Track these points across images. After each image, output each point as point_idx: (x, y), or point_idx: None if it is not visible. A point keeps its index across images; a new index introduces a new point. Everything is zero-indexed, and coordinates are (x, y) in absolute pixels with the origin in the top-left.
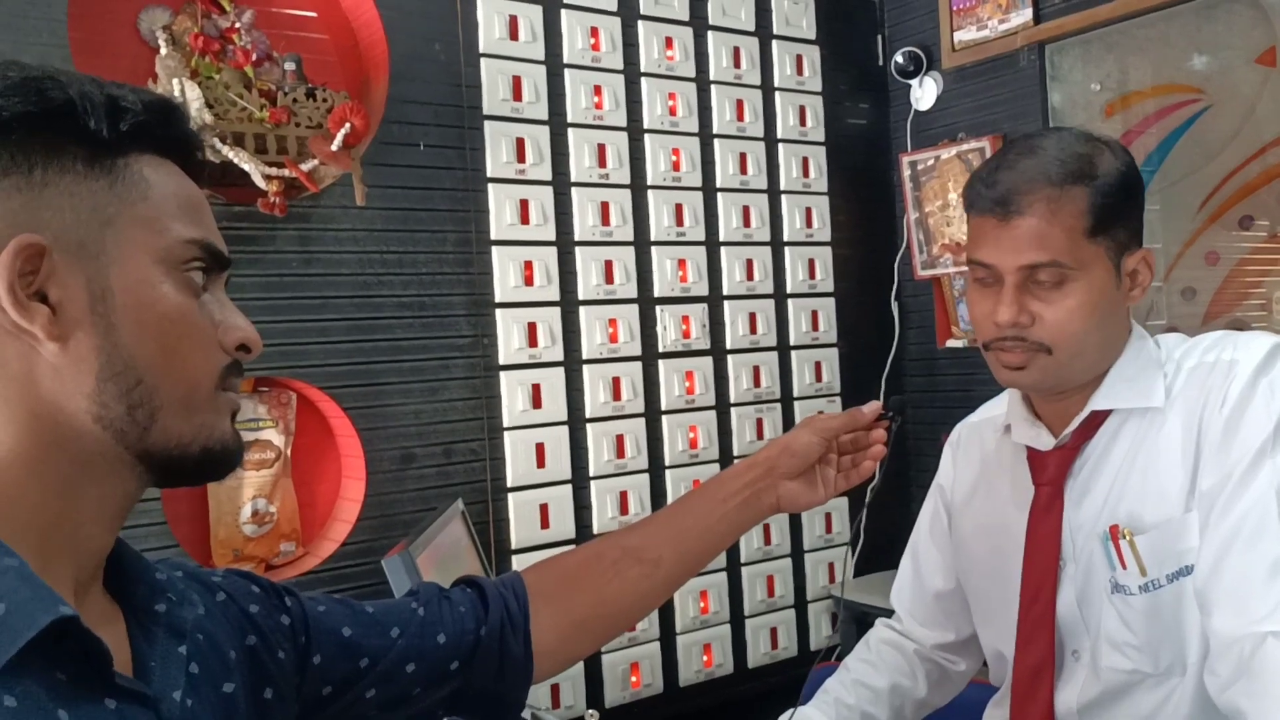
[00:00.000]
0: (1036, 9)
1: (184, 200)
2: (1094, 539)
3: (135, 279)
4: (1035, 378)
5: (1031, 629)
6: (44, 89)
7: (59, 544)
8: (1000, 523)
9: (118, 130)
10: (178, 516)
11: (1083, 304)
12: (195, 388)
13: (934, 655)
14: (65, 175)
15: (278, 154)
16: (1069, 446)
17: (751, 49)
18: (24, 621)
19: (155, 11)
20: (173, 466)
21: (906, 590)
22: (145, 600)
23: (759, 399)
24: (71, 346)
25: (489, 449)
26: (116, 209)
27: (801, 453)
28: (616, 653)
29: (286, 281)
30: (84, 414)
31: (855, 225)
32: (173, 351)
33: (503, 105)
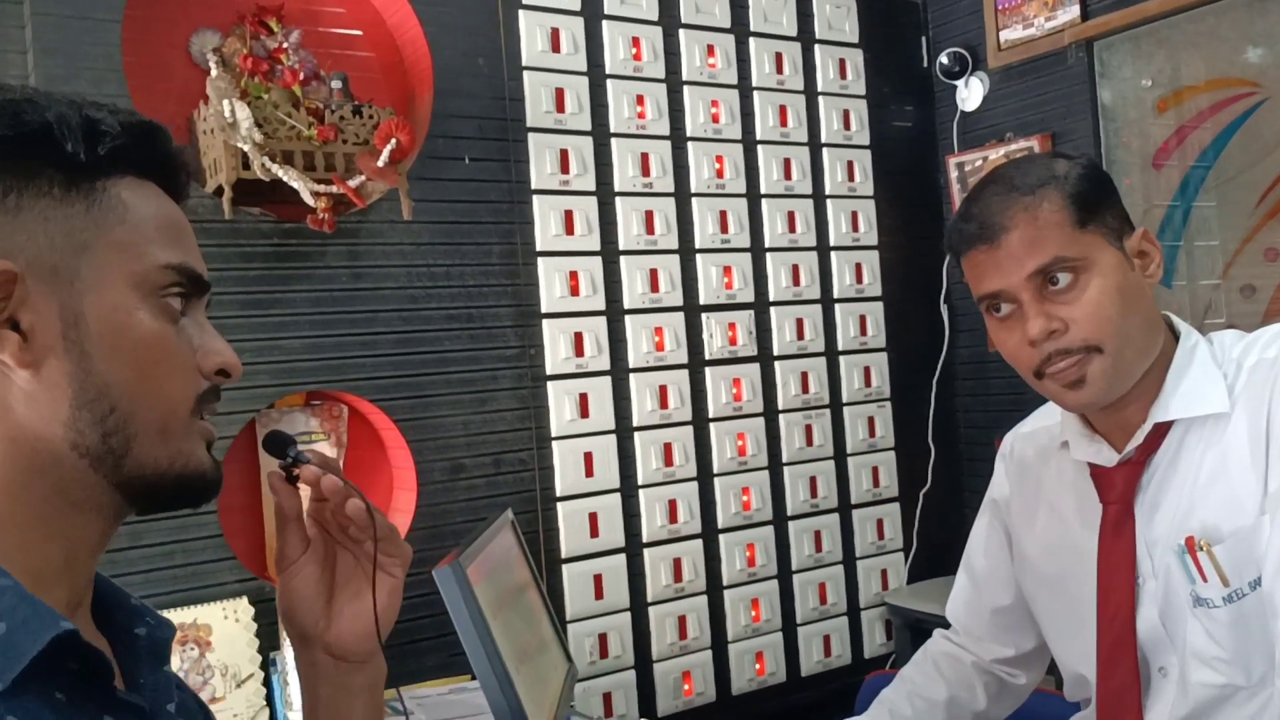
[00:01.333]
0: (1084, 6)
1: (163, 223)
2: (1170, 553)
3: (110, 305)
4: (1098, 387)
5: (1112, 650)
6: (19, 112)
7: (49, 568)
8: (1068, 543)
9: (95, 153)
10: (233, 529)
11: (1103, 289)
12: (171, 414)
13: (993, 668)
14: (40, 199)
15: (326, 171)
16: (1134, 461)
17: (794, 54)
18: (27, 639)
19: (206, 34)
20: (149, 493)
21: (962, 606)
22: (126, 624)
23: (807, 405)
24: (44, 373)
25: (537, 459)
26: (93, 234)
27: (285, 602)
28: (669, 661)
29: (336, 296)
30: (61, 441)
31: (902, 229)
32: (148, 378)
33: (546, 117)
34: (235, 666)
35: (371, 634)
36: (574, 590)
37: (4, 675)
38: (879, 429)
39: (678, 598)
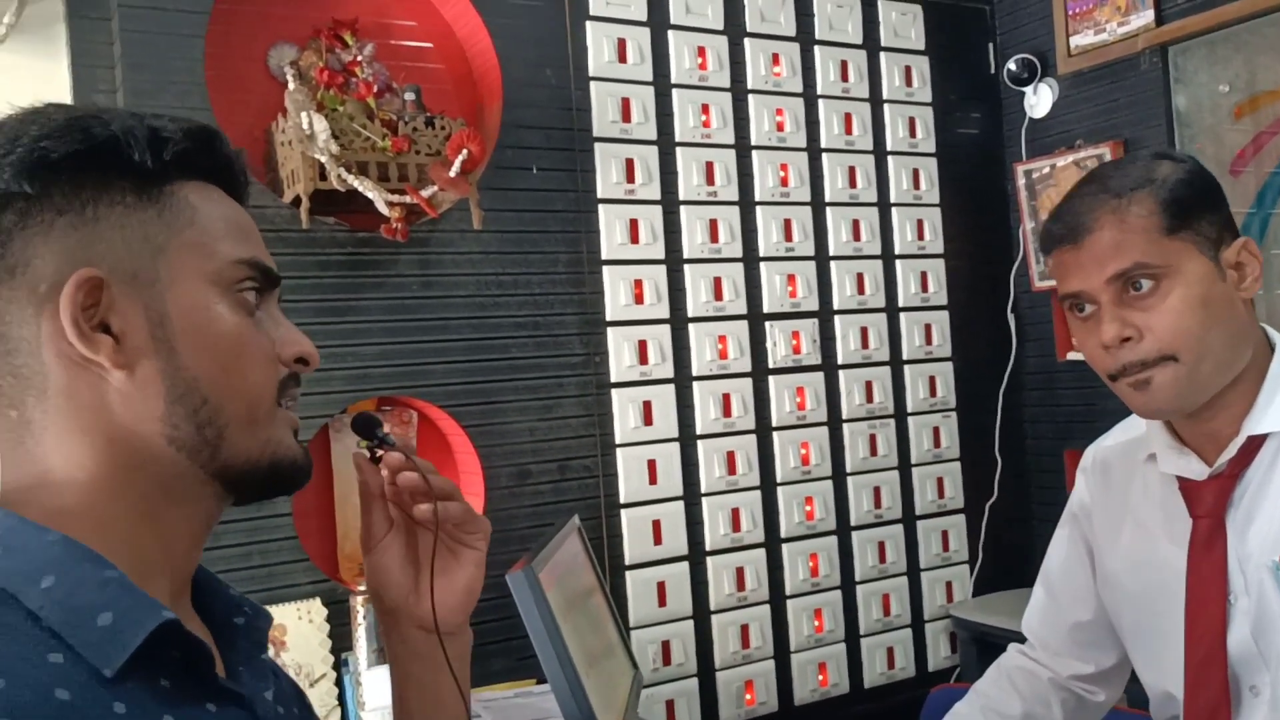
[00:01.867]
0: (1158, 10)
1: (230, 222)
2: (1264, 570)
3: (190, 303)
4: (1166, 396)
5: (1201, 668)
6: (88, 127)
7: (152, 562)
8: (1155, 558)
9: (161, 160)
10: (307, 531)
11: (1185, 299)
12: (257, 403)
13: (1071, 685)
14: (115, 208)
15: (399, 181)
16: (1226, 475)
17: (859, 62)
18: (131, 628)
19: (283, 48)
20: (245, 481)
21: (1040, 620)
22: (224, 614)
23: (872, 414)
24: (137, 373)
25: (602, 465)
26: (166, 237)
27: (375, 581)
28: (731, 670)
29: (407, 304)
30: (157, 437)
31: (968, 237)
32: (232, 369)
33: (612, 127)
34: (309, 667)
35: (459, 607)
36: (637, 597)
37: (111, 663)
38: (944, 439)
39: (740, 606)
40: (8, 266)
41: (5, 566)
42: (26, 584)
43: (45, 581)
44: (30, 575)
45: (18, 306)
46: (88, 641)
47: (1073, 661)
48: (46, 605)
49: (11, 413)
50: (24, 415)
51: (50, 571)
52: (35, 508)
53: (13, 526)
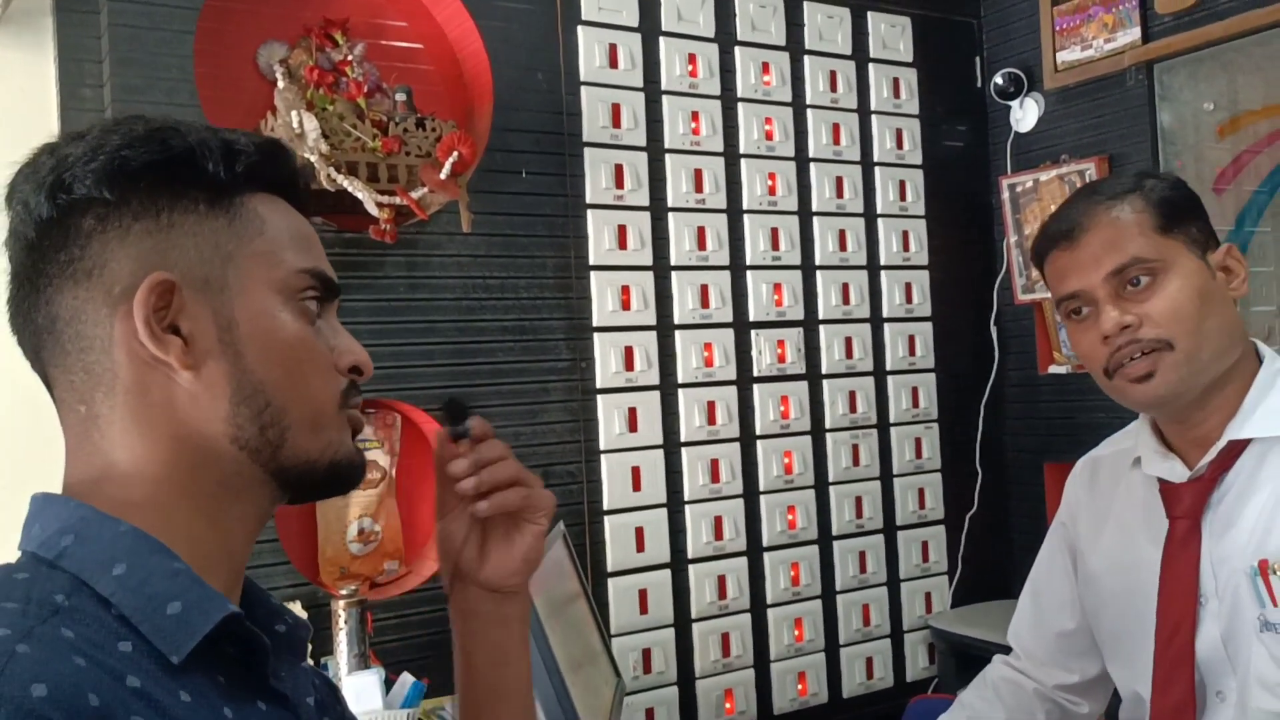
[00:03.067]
0: (1145, 28)
1: (295, 233)
2: (1240, 574)
3: (257, 309)
4: (1167, 380)
5: (1170, 668)
6: (166, 139)
7: (213, 556)
8: (1133, 559)
9: (233, 172)
10: (288, 534)
11: (1183, 289)
12: (320, 409)
13: (1055, 695)
14: (189, 216)
15: (389, 182)
16: (1205, 478)
17: (848, 73)
18: (200, 618)
19: (273, 46)
20: (304, 481)
21: (1026, 629)
22: (266, 621)
23: (855, 424)
24: (204, 374)
25: (586, 472)
26: (236, 245)
27: (442, 545)
28: (711, 679)
29: (394, 306)
30: (222, 436)
31: (953, 249)
32: (296, 375)
33: (602, 132)
34: None
35: (519, 571)
36: (619, 604)
37: (180, 650)
38: (926, 450)
39: (721, 615)
40: (85, 268)
41: (79, 554)
42: (99, 571)
43: (117, 569)
44: (103, 563)
45: (93, 306)
46: (158, 628)
47: (1057, 671)
48: (118, 592)
49: (80, 408)
50: (92, 410)
51: (122, 560)
52: (101, 499)
53: (85, 516)
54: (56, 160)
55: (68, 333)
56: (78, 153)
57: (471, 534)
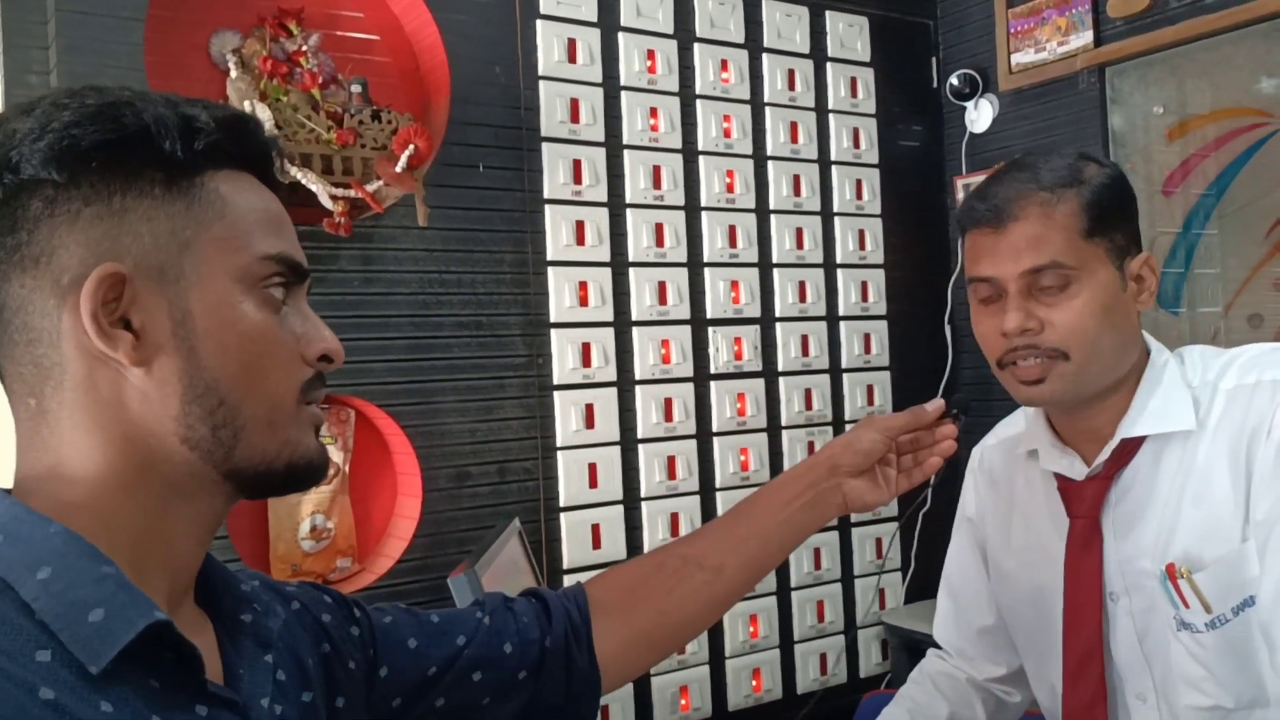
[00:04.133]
0: (1097, 32)
1: (262, 214)
2: (1150, 576)
3: (215, 301)
4: (1055, 388)
5: (1079, 665)
6: (119, 115)
7: (154, 559)
8: (1042, 556)
9: (192, 150)
10: (239, 531)
11: (1090, 304)
12: (278, 405)
13: (989, 687)
14: (144, 200)
15: (344, 175)
16: (1103, 475)
17: (806, 71)
18: (122, 626)
19: (225, 35)
20: (259, 482)
21: (950, 627)
22: (232, 611)
23: (810, 422)
24: (155, 371)
25: (542, 468)
26: (194, 231)
27: (866, 450)
28: (666, 675)
29: (348, 300)
30: (172, 435)
31: (908, 248)
32: (254, 370)
33: (560, 127)
34: None
35: (875, 504)
36: None
37: (99, 660)
38: None
39: None
40: (32, 255)
41: (7, 555)
42: (24, 574)
43: (42, 573)
44: (29, 565)
45: (41, 296)
46: (77, 637)
47: (986, 665)
48: (41, 597)
49: (30, 401)
50: (41, 405)
51: (48, 563)
52: (44, 498)
53: (18, 515)
54: (3, 137)
55: (15, 323)
56: (25, 129)
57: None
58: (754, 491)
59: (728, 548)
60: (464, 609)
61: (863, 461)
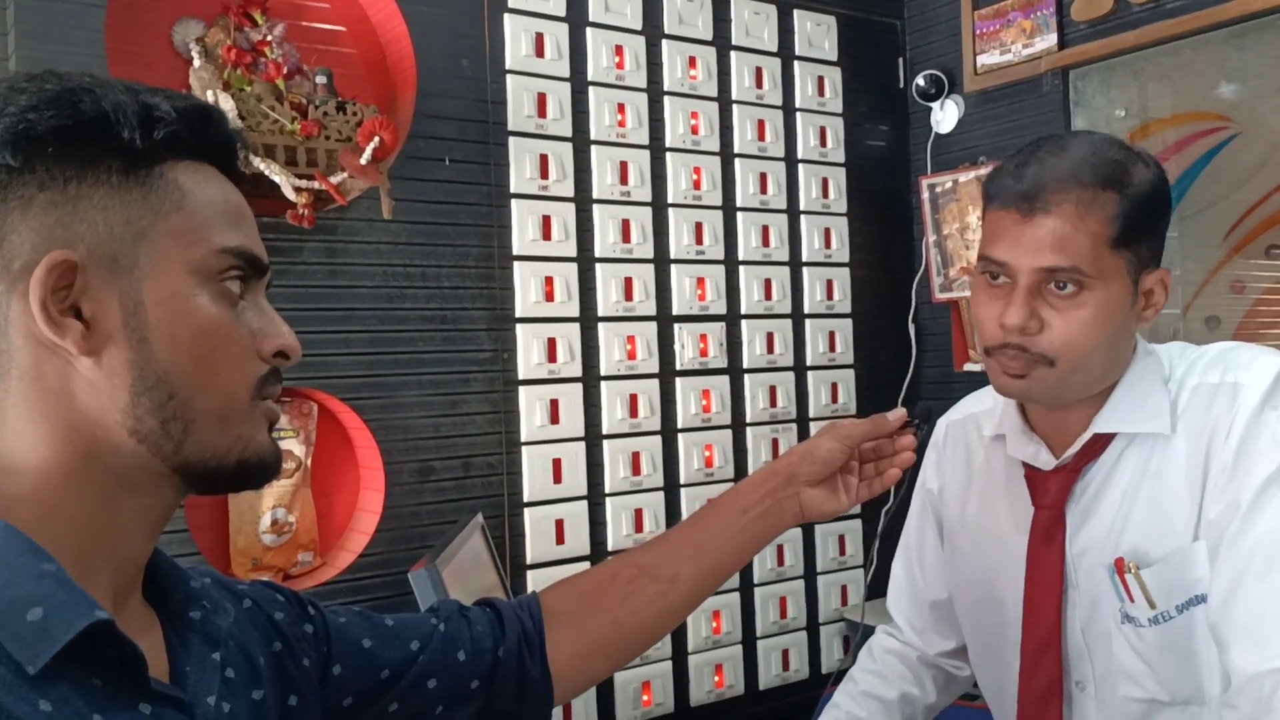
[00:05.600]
0: (1061, 34)
1: (221, 207)
2: (1099, 568)
3: (169, 292)
4: (1033, 388)
5: (1037, 655)
6: (77, 101)
7: (98, 553)
8: (996, 539)
9: (151, 139)
10: (199, 525)
11: (1096, 317)
12: (230, 400)
13: (939, 662)
14: (99, 188)
15: (308, 166)
16: (1070, 468)
17: (774, 69)
18: (61, 625)
19: (189, 24)
20: (209, 478)
21: (904, 598)
22: (181, 608)
23: (775, 419)
24: (105, 361)
25: (506, 464)
26: (150, 221)
27: (824, 459)
28: (629, 671)
29: (312, 293)
30: (119, 427)
31: (873, 247)
32: (207, 364)
33: (527, 121)
34: None
35: (833, 513)
36: None
37: (36, 660)
38: None
39: None
40: None
41: None
42: None
43: None
44: None
45: None
46: (15, 635)
47: (936, 638)
48: None
49: None
50: None
51: None
52: None
53: None
54: None
55: None
56: None
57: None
58: (711, 500)
59: (683, 557)
60: (419, 615)
61: (821, 471)
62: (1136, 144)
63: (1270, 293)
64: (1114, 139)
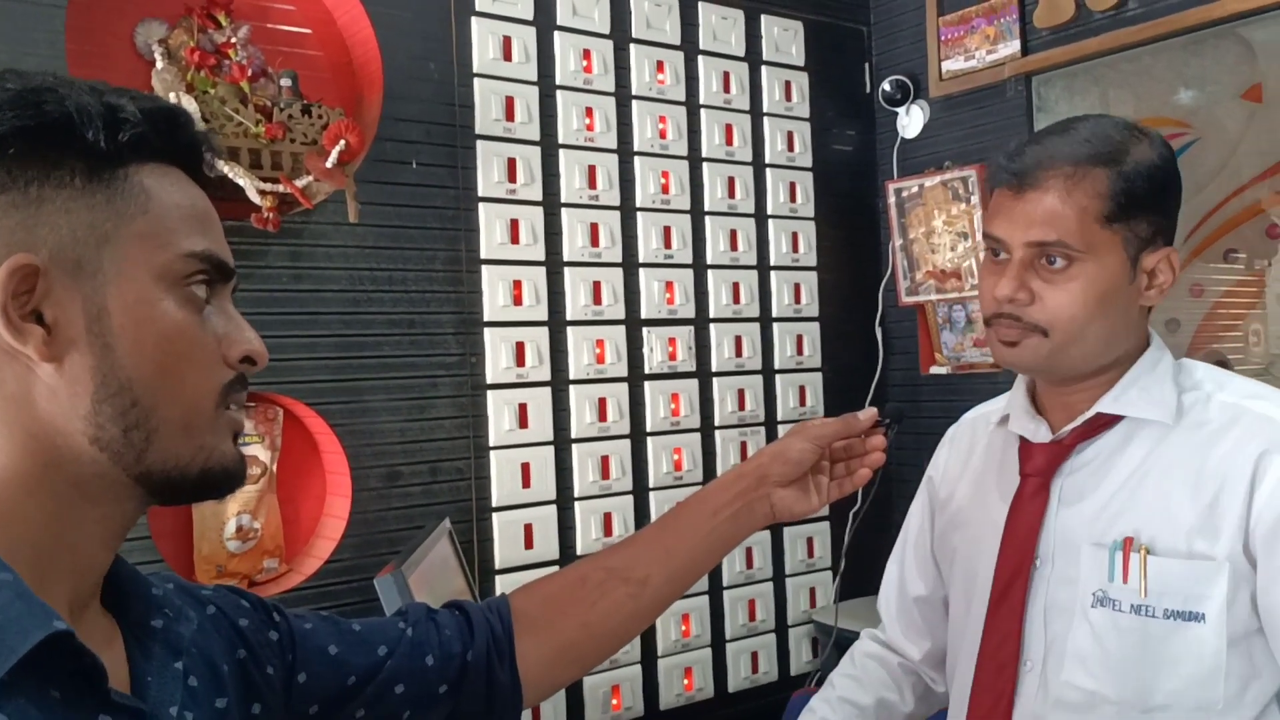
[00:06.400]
0: (1024, 41)
1: (187, 211)
2: (1082, 546)
3: (133, 298)
4: (1027, 357)
5: (1002, 621)
6: (41, 102)
7: (56, 562)
8: (982, 510)
9: (116, 142)
10: (162, 532)
11: (1086, 289)
12: (195, 408)
13: (919, 669)
14: (62, 191)
15: (273, 169)
16: (1064, 443)
17: (741, 74)
18: (18, 637)
19: (151, 25)
20: (171, 487)
21: (893, 594)
22: (142, 616)
23: (743, 422)
24: (67, 367)
25: (474, 468)
26: (114, 225)
27: (795, 460)
28: (598, 675)
29: (277, 297)
30: (80, 435)
31: (840, 251)
32: (171, 372)
33: (495, 125)
34: None
35: (804, 513)
36: None
37: None
38: None
39: None
40: None
41: None
42: None
43: None
44: None
45: None
46: None
47: (916, 638)
48: None
49: None
50: None
51: None
52: None
53: None
54: None
55: None
56: None
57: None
58: (681, 501)
59: (653, 559)
60: (386, 619)
61: (792, 472)
62: (1149, 127)
63: (1229, 295)
64: (1123, 121)
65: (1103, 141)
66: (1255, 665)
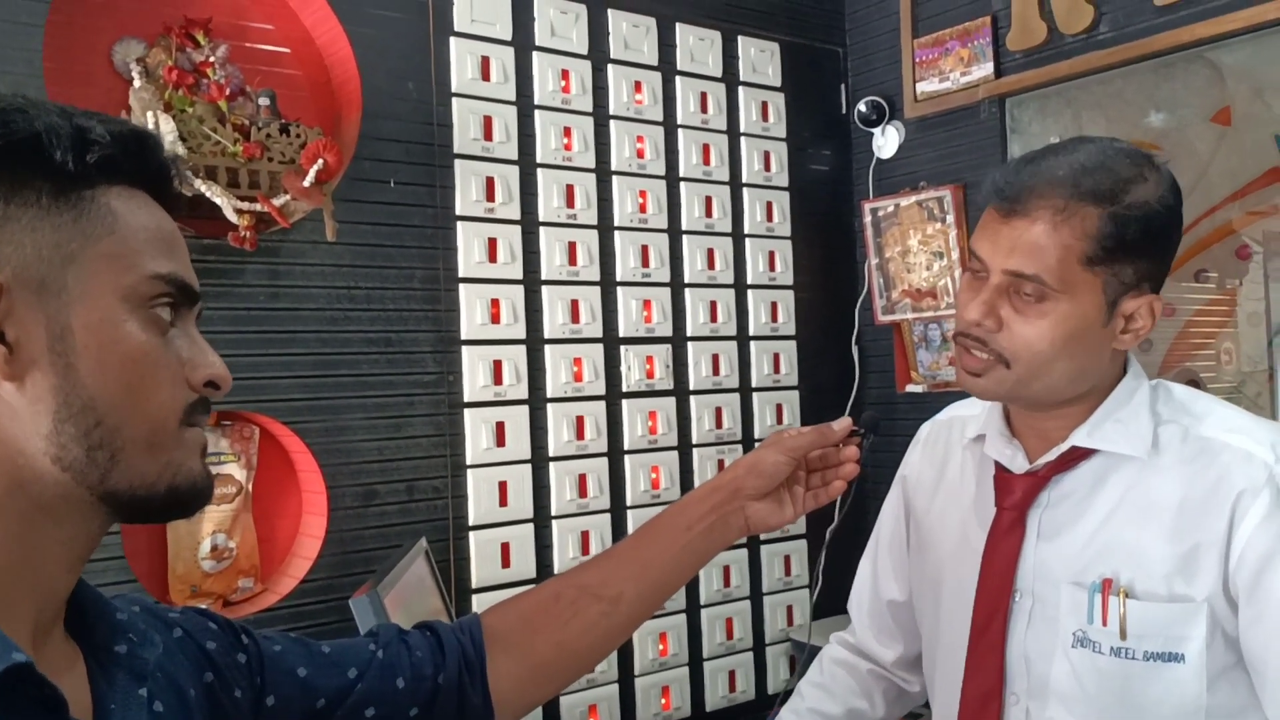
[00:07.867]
0: (998, 63)
1: (153, 233)
2: (1061, 583)
3: (98, 318)
4: (989, 387)
5: (982, 656)
6: (9, 121)
7: (18, 586)
8: (960, 539)
9: (84, 163)
10: (136, 551)
11: (1056, 327)
12: (158, 427)
13: (889, 674)
14: (28, 210)
15: (250, 188)
16: (1040, 475)
17: (718, 95)
18: None
19: (129, 44)
20: (138, 506)
21: (865, 596)
22: (106, 641)
23: (721, 440)
24: (28, 386)
25: (451, 487)
26: (80, 245)
27: (769, 473)
28: (575, 694)
29: (254, 315)
30: (42, 455)
31: (817, 270)
32: (135, 391)
33: (473, 144)
34: None
35: (779, 525)
36: None
37: None
38: None
39: None
40: None
41: None
42: None
43: None
44: None
45: None
46: None
47: (889, 641)
48: None
49: None
50: None
51: None
52: None
53: None
54: None
55: None
56: None
57: (783, 484)
58: (655, 516)
59: (627, 575)
60: (357, 640)
61: (766, 485)
62: (1161, 159)
63: (1200, 315)
64: (1136, 151)
65: (1105, 174)
66: (1240, 700)
